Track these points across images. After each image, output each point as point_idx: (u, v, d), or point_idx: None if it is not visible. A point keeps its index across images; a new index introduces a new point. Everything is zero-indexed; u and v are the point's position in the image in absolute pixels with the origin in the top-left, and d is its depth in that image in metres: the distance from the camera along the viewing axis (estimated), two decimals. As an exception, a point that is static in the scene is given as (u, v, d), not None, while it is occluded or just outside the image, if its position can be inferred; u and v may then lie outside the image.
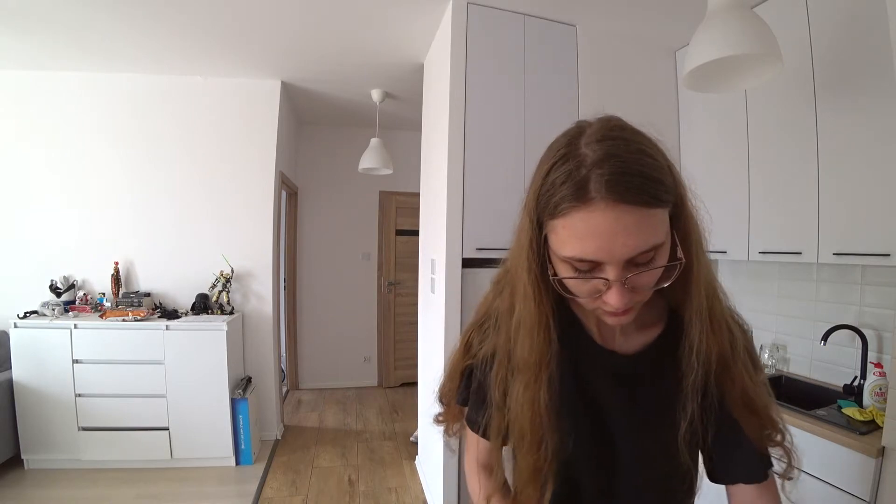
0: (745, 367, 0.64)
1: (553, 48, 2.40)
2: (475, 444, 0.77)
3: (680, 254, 0.56)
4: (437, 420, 0.83)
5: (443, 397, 0.81)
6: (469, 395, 0.76)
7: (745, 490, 0.67)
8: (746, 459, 0.66)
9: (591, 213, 0.50)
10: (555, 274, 0.57)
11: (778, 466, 0.67)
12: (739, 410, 0.63)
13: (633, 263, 0.52)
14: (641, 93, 2.57)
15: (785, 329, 2.26)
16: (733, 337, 0.64)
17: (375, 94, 3.58)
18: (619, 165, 0.50)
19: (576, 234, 0.51)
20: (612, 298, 0.53)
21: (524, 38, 2.34)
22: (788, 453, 0.65)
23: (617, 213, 0.49)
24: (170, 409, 2.87)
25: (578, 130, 0.55)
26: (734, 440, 0.65)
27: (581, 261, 0.53)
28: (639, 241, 0.51)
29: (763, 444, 0.65)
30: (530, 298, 0.59)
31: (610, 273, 0.52)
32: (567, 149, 0.53)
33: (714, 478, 0.69)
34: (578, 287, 0.56)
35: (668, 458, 0.64)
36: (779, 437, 0.65)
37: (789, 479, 0.66)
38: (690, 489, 0.69)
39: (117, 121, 3.25)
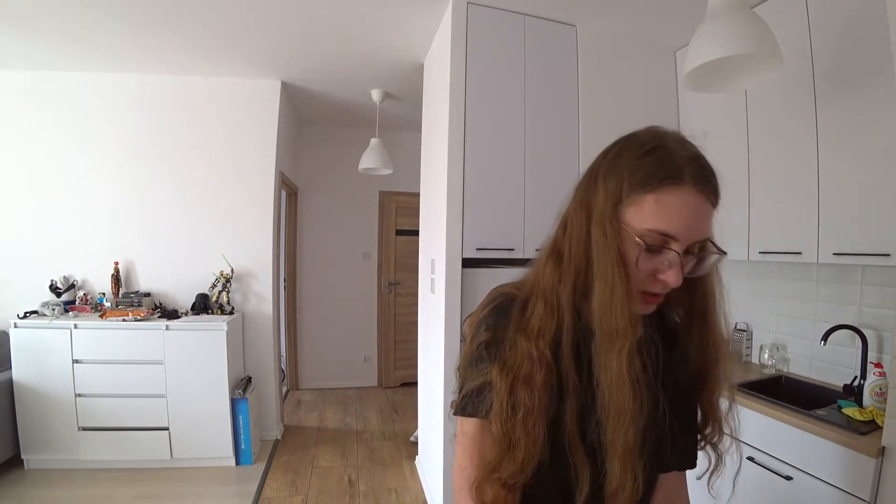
0: (729, 369, 0.71)
1: (553, 48, 2.40)
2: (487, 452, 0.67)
3: (722, 248, 0.64)
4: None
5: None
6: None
7: (676, 475, 0.76)
8: (692, 449, 0.75)
9: (684, 194, 0.59)
10: (642, 241, 0.60)
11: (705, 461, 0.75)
12: (708, 406, 0.72)
13: (687, 251, 0.61)
14: (641, 93, 2.57)
15: (785, 329, 2.26)
16: (725, 339, 0.71)
17: (375, 94, 3.58)
18: (705, 165, 0.61)
19: (666, 209, 0.59)
20: (672, 276, 0.60)
21: (524, 38, 2.34)
22: (720, 456, 0.74)
23: (700, 199, 0.59)
24: (170, 409, 2.87)
25: (658, 133, 0.64)
26: (694, 432, 0.73)
27: (661, 234, 0.59)
28: (706, 229, 0.61)
29: (714, 442, 0.74)
30: (619, 266, 0.61)
31: (676, 249, 0.60)
32: (656, 142, 0.62)
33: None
34: (645, 263, 0.61)
35: (662, 438, 0.70)
36: (722, 440, 0.73)
37: (716, 475, 0.74)
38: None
39: (117, 121, 3.25)
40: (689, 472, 0.78)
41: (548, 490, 0.66)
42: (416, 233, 3.55)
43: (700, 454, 0.76)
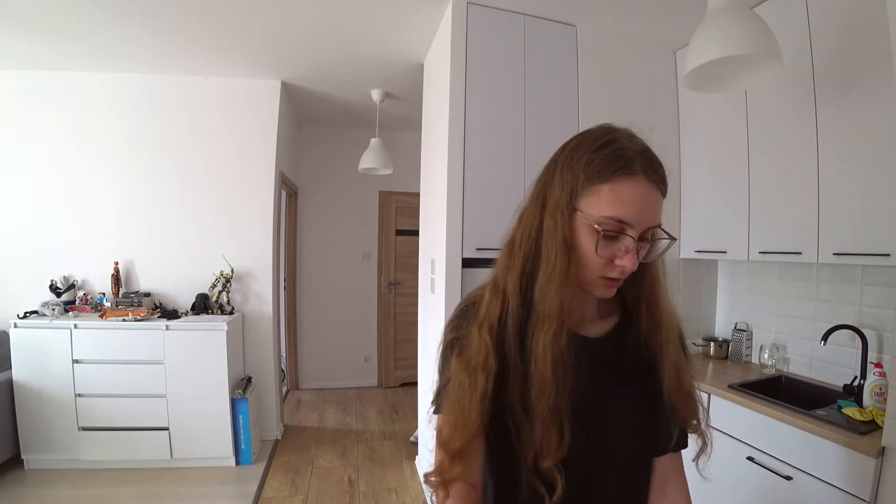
0: (685, 350, 0.78)
1: (553, 48, 2.40)
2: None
3: (672, 235, 0.69)
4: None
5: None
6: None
7: (670, 457, 0.78)
8: (673, 431, 0.77)
9: (636, 183, 0.64)
10: (600, 228, 0.64)
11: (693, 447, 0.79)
12: (672, 390, 0.74)
13: (641, 238, 0.65)
14: (641, 93, 2.57)
15: (785, 329, 2.26)
16: (677, 321, 0.76)
17: (375, 94, 3.58)
18: (653, 157, 0.66)
19: (621, 197, 0.63)
20: (629, 261, 0.64)
21: (524, 38, 2.34)
22: (704, 435, 0.77)
23: (651, 188, 0.64)
24: (170, 409, 2.87)
25: (610, 129, 0.68)
26: (672, 414, 0.76)
27: (617, 221, 0.63)
28: (657, 216, 0.66)
29: (687, 423, 0.76)
30: (563, 254, 0.66)
31: (631, 235, 0.64)
32: (609, 137, 0.66)
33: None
34: (603, 249, 0.65)
35: (641, 422, 0.74)
36: (701, 421, 0.77)
37: (703, 456, 0.77)
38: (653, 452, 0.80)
39: (117, 120, 3.25)
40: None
41: (503, 457, 0.71)
42: (416, 233, 3.55)
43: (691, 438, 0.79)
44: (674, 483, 0.78)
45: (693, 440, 0.79)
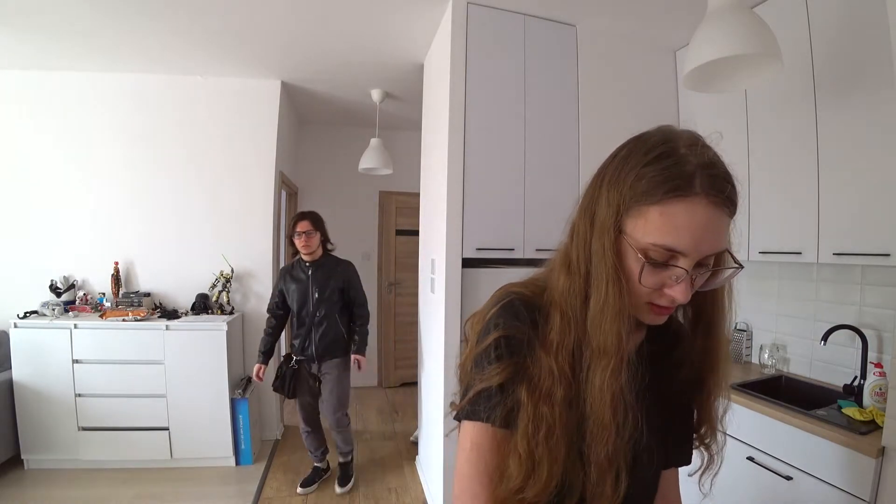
0: (727, 375, 0.71)
1: (553, 48, 2.40)
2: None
3: (739, 262, 0.60)
4: None
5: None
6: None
7: (670, 471, 0.78)
8: (688, 446, 0.76)
9: (694, 206, 0.54)
10: (646, 257, 0.57)
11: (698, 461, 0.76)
12: (704, 409, 0.72)
13: (699, 264, 0.57)
14: (641, 93, 2.57)
15: (785, 329, 2.26)
16: (727, 348, 0.71)
17: (375, 94, 3.58)
18: (719, 172, 0.56)
19: (673, 223, 0.54)
20: (680, 292, 0.56)
21: (524, 38, 2.34)
22: (713, 457, 0.73)
23: (712, 211, 0.55)
24: (170, 409, 2.87)
25: (669, 135, 0.59)
26: (690, 430, 0.75)
27: (667, 249, 0.55)
28: (719, 242, 0.57)
29: (707, 443, 0.74)
30: (614, 282, 0.58)
31: (684, 265, 0.56)
32: (666, 147, 0.57)
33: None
34: (648, 277, 0.58)
35: (665, 442, 0.72)
36: (715, 441, 0.74)
37: (708, 474, 0.75)
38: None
39: (117, 121, 3.25)
40: (681, 470, 0.80)
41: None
42: (416, 233, 3.54)
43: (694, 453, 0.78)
44: (672, 494, 0.78)
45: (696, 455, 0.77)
